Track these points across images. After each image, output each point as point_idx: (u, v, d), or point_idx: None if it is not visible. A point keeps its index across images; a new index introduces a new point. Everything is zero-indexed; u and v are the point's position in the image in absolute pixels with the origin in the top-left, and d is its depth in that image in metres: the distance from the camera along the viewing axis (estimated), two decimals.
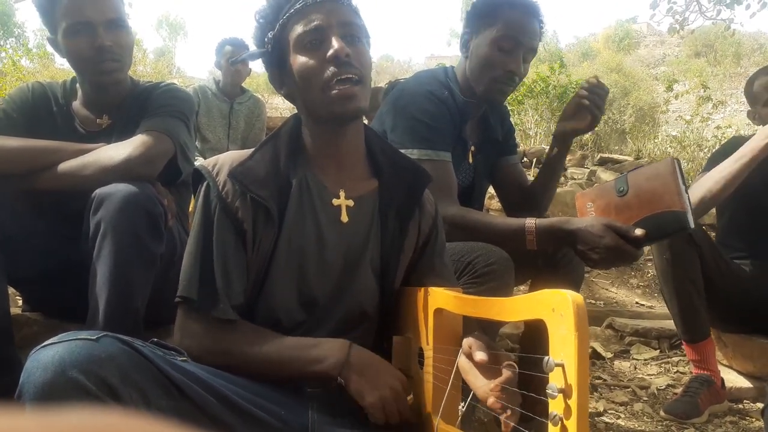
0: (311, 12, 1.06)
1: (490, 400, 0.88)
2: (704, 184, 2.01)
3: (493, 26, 1.63)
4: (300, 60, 1.07)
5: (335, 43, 1.04)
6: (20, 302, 1.84)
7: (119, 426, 0.18)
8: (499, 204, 3.95)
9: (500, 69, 1.62)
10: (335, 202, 1.12)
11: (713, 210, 2.24)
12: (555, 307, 0.77)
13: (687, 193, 1.36)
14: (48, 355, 0.79)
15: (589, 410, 1.96)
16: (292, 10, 1.07)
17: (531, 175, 4.27)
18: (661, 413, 1.97)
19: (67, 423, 0.18)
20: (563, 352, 0.75)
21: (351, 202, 1.13)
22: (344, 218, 1.11)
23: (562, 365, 0.74)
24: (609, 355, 2.52)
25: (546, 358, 0.75)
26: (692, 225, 1.35)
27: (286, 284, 1.08)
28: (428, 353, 1.03)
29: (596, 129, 8.17)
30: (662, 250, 1.97)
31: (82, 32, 1.49)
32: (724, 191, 1.99)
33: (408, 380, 1.09)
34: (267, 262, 1.07)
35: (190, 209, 1.75)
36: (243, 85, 3.91)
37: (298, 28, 1.07)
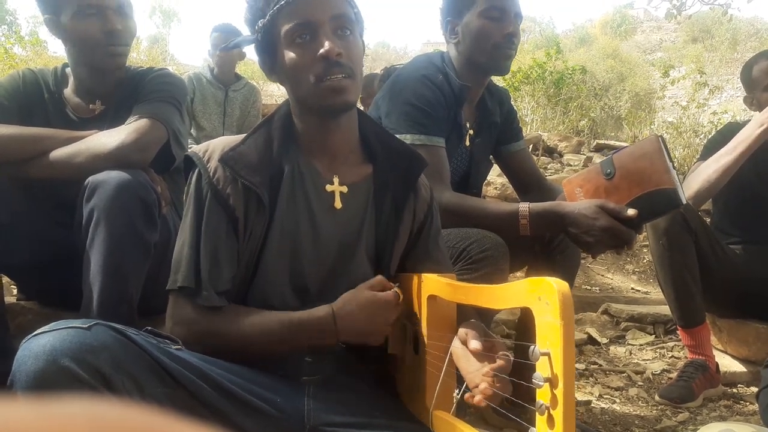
0: (302, 5, 1.03)
1: (482, 386, 0.88)
2: (702, 174, 2.01)
3: (474, 3, 1.65)
4: (290, 55, 1.05)
5: (326, 44, 1.02)
6: (15, 291, 1.83)
7: (118, 416, 0.18)
8: (495, 191, 3.96)
9: (498, 35, 1.63)
10: (329, 188, 1.11)
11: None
12: (541, 296, 0.75)
13: (674, 168, 1.35)
14: (39, 344, 0.79)
15: (585, 395, 1.98)
16: (283, 2, 1.04)
17: None
18: (656, 398, 1.99)
19: (65, 413, 0.18)
20: (549, 341, 0.74)
21: (345, 188, 1.12)
22: (338, 204, 1.10)
23: (548, 354, 0.73)
24: (605, 340, 2.53)
25: (532, 347, 0.74)
26: (684, 201, 1.34)
27: (279, 271, 1.08)
28: (423, 339, 1.03)
29: (592, 115, 8.17)
30: (658, 236, 1.97)
31: (93, 15, 1.48)
32: (721, 180, 1.99)
33: (403, 367, 1.09)
34: (259, 249, 1.07)
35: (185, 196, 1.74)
36: (237, 72, 3.88)
37: (289, 22, 1.04)
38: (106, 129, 1.45)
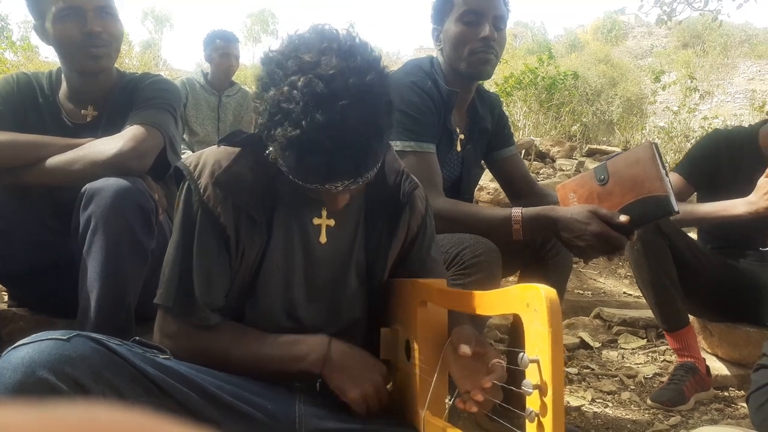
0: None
1: (473, 392, 0.88)
2: (684, 209, 2.01)
3: (452, 9, 1.66)
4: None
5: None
6: (6, 297, 1.82)
7: (110, 418, 0.18)
8: (488, 196, 3.97)
9: (473, 39, 1.63)
10: (316, 221, 1.10)
11: (694, 199, 2.26)
12: (529, 302, 0.76)
13: (667, 176, 1.36)
14: (18, 356, 0.79)
15: (578, 400, 1.98)
16: None
17: None
18: (648, 401, 1.99)
19: (58, 415, 0.18)
20: (538, 348, 0.74)
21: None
22: (330, 223, 1.10)
23: (537, 361, 0.74)
24: (597, 344, 2.53)
25: (521, 354, 0.75)
26: (676, 208, 1.35)
27: (272, 294, 1.08)
28: (415, 345, 1.04)
29: (584, 120, 8.21)
30: (632, 242, 1.97)
31: (72, 17, 1.47)
32: (694, 224, 2.20)
33: (395, 372, 1.10)
34: (254, 271, 1.06)
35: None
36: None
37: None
38: (100, 135, 1.45)
